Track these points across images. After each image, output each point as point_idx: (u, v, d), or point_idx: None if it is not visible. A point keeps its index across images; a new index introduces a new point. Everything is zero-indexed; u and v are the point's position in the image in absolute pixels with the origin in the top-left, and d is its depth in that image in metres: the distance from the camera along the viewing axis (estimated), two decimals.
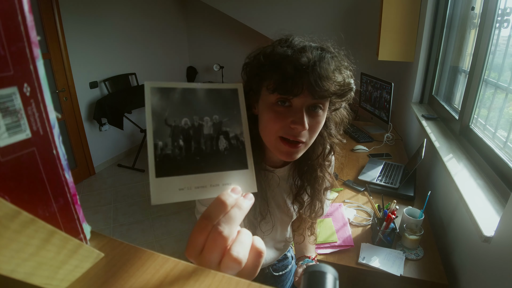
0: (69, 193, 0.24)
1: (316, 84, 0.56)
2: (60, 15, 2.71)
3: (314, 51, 0.58)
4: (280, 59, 0.58)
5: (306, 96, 0.58)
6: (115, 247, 0.28)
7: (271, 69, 0.58)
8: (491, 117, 1.30)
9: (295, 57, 0.57)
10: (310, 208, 0.81)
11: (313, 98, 0.58)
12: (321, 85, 0.56)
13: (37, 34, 0.20)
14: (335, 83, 0.58)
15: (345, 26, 3.29)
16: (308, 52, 0.57)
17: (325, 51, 0.60)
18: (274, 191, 0.79)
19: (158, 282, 0.25)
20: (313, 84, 0.56)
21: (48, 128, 0.22)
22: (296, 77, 0.56)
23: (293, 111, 0.59)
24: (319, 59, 0.57)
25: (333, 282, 0.28)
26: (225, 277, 0.25)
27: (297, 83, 0.56)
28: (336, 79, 0.59)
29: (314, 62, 0.56)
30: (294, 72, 0.56)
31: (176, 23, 4.31)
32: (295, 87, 0.56)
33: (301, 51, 0.58)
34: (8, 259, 0.19)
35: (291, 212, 0.85)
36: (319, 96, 0.58)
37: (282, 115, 0.60)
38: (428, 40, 2.05)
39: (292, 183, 0.79)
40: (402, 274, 1.05)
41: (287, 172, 0.79)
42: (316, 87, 0.56)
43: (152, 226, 2.51)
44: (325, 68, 0.57)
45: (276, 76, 0.57)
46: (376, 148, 2.09)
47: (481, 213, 0.94)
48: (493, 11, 1.26)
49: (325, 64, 0.57)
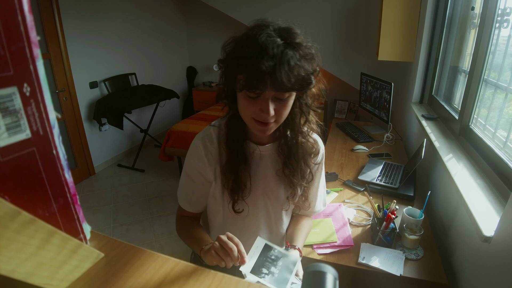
0: (69, 193, 0.24)
1: (277, 82, 0.63)
2: (60, 15, 2.71)
3: (276, 50, 0.64)
4: (246, 61, 0.64)
5: (270, 90, 0.66)
6: (115, 247, 0.28)
7: (238, 71, 0.67)
8: (491, 117, 1.30)
9: (259, 60, 0.63)
10: (300, 174, 0.85)
11: (276, 91, 0.66)
12: (281, 83, 0.63)
13: (37, 34, 0.20)
14: (295, 80, 0.65)
15: (345, 26, 3.29)
16: (270, 51, 0.63)
17: (289, 46, 0.66)
18: (258, 164, 0.85)
19: (158, 282, 0.25)
20: (274, 83, 0.64)
21: (48, 128, 0.22)
22: (259, 79, 0.64)
23: (261, 100, 0.68)
24: (280, 58, 0.63)
25: (333, 282, 0.28)
26: (225, 277, 0.25)
27: (260, 83, 0.64)
28: (296, 75, 0.65)
29: (275, 64, 0.63)
30: (257, 74, 0.63)
31: (176, 23, 4.31)
32: (259, 86, 0.65)
33: (265, 52, 0.63)
34: (8, 259, 0.19)
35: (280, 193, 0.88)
36: (281, 90, 0.66)
37: (253, 102, 0.69)
38: (428, 40, 2.05)
39: (277, 158, 0.85)
40: (402, 274, 1.05)
41: (270, 149, 0.85)
42: (277, 85, 0.64)
43: (152, 226, 2.51)
44: (285, 69, 0.63)
45: (242, 77, 0.66)
46: (376, 148, 2.09)
47: (481, 213, 0.94)
48: (493, 11, 1.26)
49: (286, 63, 0.63)
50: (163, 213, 2.66)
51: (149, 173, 3.30)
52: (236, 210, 0.84)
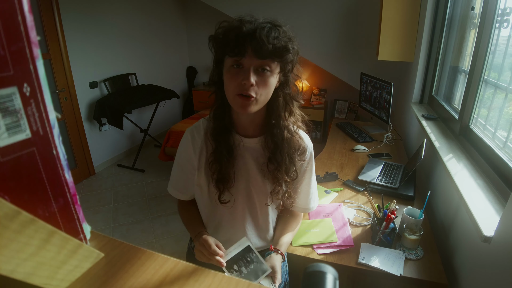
0: (69, 193, 0.24)
1: (256, 46, 0.71)
2: (60, 15, 2.71)
3: (258, 23, 0.73)
4: (230, 30, 0.73)
5: (251, 58, 0.72)
6: (115, 247, 0.28)
7: (224, 39, 0.74)
8: (491, 117, 1.30)
9: (240, 26, 0.72)
10: (284, 170, 0.87)
11: (257, 58, 0.72)
12: (259, 47, 0.71)
13: (37, 34, 0.20)
14: (273, 45, 0.72)
15: (345, 26, 3.29)
16: (252, 23, 0.73)
17: (268, 23, 0.74)
18: (243, 156, 0.88)
19: (158, 282, 0.25)
20: (253, 47, 0.71)
21: (48, 128, 0.22)
22: (240, 42, 0.71)
23: (243, 71, 0.74)
24: (260, 27, 0.72)
25: (333, 282, 0.28)
26: (225, 277, 0.25)
27: (242, 45, 0.71)
28: (274, 42, 0.72)
29: (255, 30, 0.71)
30: (238, 37, 0.71)
31: (176, 23, 4.32)
32: (240, 49, 0.71)
33: (246, 22, 0.73)
34: (8, 259, 0.19)
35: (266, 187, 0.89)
36: (261, 56, 0.72)
37: (236, 75, 0.75)
38: (428, 40, 2.05)
39: (262, 152, 0.88)
40: (402, 274, 1.05)
41: (256, 143, 0.88)
42: (256, 49, 0.71)
43: (152, 226, 2.51)
44: (264, 34, 0.71)
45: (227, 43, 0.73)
46: (376, 148, 2.09)
47: (481, 213, 0.94)
48: (493, 11, 1.26)
49: (264, 31, 0.71)
50: (163, 213, 2.66)
51: (149, 173, 3.30)
52: (222, 201, 0.87)
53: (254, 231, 0.96)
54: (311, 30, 3.35)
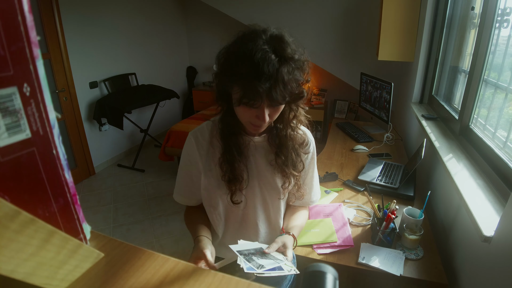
0: (69, 193, 0.24)
1: (272, 98, 0.70)
2: (60, 15, 2.71)
3: (272, 68, 0.67)
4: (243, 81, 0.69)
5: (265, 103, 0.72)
6: (115, 247, 0.28)
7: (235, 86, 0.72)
8: (491, 117, 1.30)
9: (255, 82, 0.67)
10: (291, 163, 0.89)
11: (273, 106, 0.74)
12: (275, 99, 0.70)
13: (37, 34, 0.20)
14: (289, 94, 0.71)
15: (345, 26, 3.29)
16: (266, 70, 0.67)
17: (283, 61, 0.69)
18: (253, 155, 0.89)
19: (158, 282, 0.25)
20: (270, 100, 0.70)
21: (48, 128, 0.22)
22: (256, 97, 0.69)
23: (257, 108, 0.74)
24: (276, 77, 0.68)
25: (333, 282, 0.28)
26: (225, 277, 0.25)
27: (257, 101, 0.70)
28: (290, 91, 0.71)
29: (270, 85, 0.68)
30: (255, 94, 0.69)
31: (176, 23, 4.31)
32: (255, 102, 0.71)
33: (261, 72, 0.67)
34: (8, 259, 0.19)
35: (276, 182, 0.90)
36: (275, 104, 0.73)
37: (249, 110, 0.75)
38: (428, 40, 2.05)
39: (269, 148, 0.90)
40: (402, 274, 1.05)
41: (263, 140, 0.90)
42: (272, 101, 0.71)
43: (152, 226, 2.51)
44: (280, 87, 0.69)
45: (239, 91, 0.71)
46: (376, 148, 2.09)
47: (481, 213, 0.94)
48: (493, 11, 1.26)
49: (280, 82, 0.68)
50: (163, 213, 2.66)
51: (149, 173, 3.30)
52: (234, 202, 0.86)
53: (266, 228, 0.96)
54: (311, 30, 3.36)
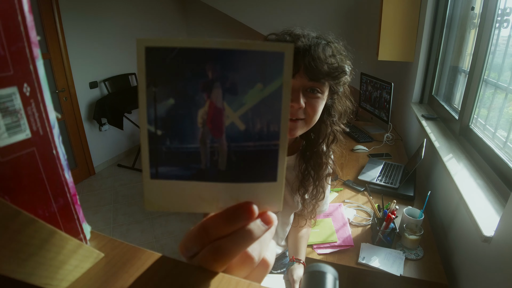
0: (69, 193, 0.24)
1: (310, 65, 0.63)
2: (60, 15, 2.71)
3: (311, 38, 0.66)
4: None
5: (302, 77, 0.65)
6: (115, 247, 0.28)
7: None
8: (491, 117, 1.30)
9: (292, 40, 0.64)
10: (313, 193, 0.86)
11: (309, 79, 0.65)
12: (314, 66, 0.63)
13: (37, 34, 0.20)
14: (328, 65, 0.65)
15: (345, 26, 3.29)
16: (305, 38, 0.65)
17: (322, 38, 0.67)
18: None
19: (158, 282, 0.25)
20: (307, 66, 0.63)
21: (48, 128, 0.22)
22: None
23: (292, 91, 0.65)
24: (314, 44, 0.64)
25: (333, 282, 0.28)
26: (225, 277, 0.25)
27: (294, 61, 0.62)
28: (329, 62, 0.65)
29: (309, 46, 0.63)
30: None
31: (176, 23, 4.31)
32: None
33: (299, 37, 0.65)
34: (8, 259, 0.19)
35: (294, 202, 0.87)
36: (313, 77, 0.65)
37: None
38: (428, 40, 2.05)
39: (298, 171, 0.84)
40: (402, 274, 1.05)
41: (292, 162, 0.83)
42: (310, 68, 0.63)
43: (152, 226, 2.51)
44: (319, 52, 0.63)
45: None
46: (376, 148, 2.09)
47: (481, 213, 0.94)
48: (493, 11, 1.26)
49: (320, 48, 0.64)
50: (163, 213, 2.66)
51: None
52: None
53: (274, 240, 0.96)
54: (311, 29, 3.35)
